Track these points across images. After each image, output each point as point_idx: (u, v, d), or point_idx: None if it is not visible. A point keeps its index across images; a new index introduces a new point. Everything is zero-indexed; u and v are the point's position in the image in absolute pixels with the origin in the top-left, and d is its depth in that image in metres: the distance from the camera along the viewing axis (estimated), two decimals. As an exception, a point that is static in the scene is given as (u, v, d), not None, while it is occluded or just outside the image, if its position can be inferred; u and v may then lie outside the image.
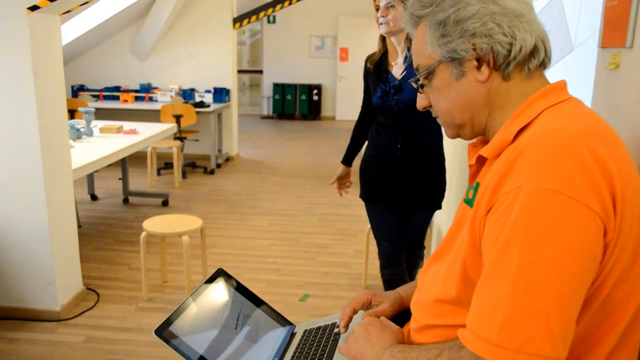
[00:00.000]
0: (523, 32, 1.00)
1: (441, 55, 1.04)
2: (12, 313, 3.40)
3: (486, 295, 0.90)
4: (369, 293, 1.37)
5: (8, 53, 3.05)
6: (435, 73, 1.07)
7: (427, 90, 1.11)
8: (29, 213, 3.26)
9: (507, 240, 0.88)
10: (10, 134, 3.15)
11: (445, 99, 1.07)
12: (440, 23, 1.02)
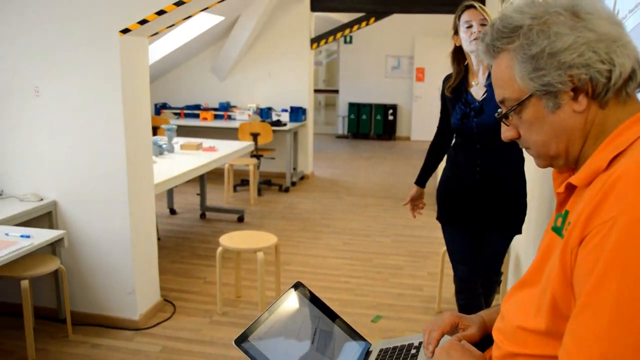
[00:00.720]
0: (621, 57, 0.95)
1: (534, 89, 1.00)
2: (95, 320, 3.55)
3: (581, 330, 0.86)
4: (455, 316, 1.33)
5: (100, 72, 3.21)
6: (526, 106, 1.02)
7: (514, 122, 1.07)
8: (114, 224, 3.40)
9: (602, 273, 0.84)
10: (100, 149, 3.31)
11: (539, 131, 1.03)
12: (533, 57, 0.98)
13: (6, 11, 3.29)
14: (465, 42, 2.56)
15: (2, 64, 3.37)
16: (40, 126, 3.38)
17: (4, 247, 2.41)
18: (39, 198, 3.40)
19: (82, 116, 3.30)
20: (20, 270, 3.06)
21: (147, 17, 3.12)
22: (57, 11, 3.21)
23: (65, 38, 3.23)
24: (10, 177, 3.50)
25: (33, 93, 3.34)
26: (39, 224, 3.27)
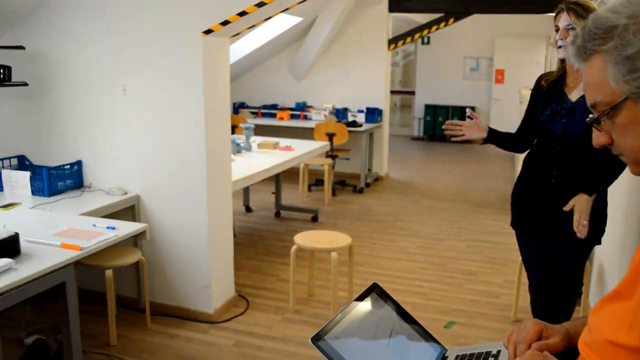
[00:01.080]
0: None
1: (628, 92, 0.94)
2: (172, 311, 3.66)
3: None
4: (539, 323, 1.27)
5: (183, 72, 3.32)
6: (620, 110, 0.97)
7: (606, 128, 1.02)
8: (192, 220, 3.50)
9: None
10: (182, 146, 3.42)
11: (635, 136, 0.98)
12: (629, 58, 0.93)
13: (97, 13, 3.46)
14: None
15: (93, 64, 3.54)
16: (126, 123, 3.53)
17: (92, 237, 2.52)
18: (124, 192, 3.55)
19: (166, 114, 3.42)
20: (105, 260, 3.20)
21: (229, 18, 3.19)
22: (144, 13, 3.34)
23: (151, 39, 3.35)
24: (98, 172, 3.68)
25: (121, 92, 3.49)
26: (122, 216, 3.41)
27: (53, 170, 3.51)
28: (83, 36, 3.54)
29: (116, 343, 3.30)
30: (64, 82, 3.67)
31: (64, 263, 2.30)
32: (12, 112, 3.90)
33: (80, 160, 3.70)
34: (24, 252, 2.35)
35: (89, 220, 2.84)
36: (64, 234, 2.57)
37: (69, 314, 2.42)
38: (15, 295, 2.12)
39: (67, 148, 3.74)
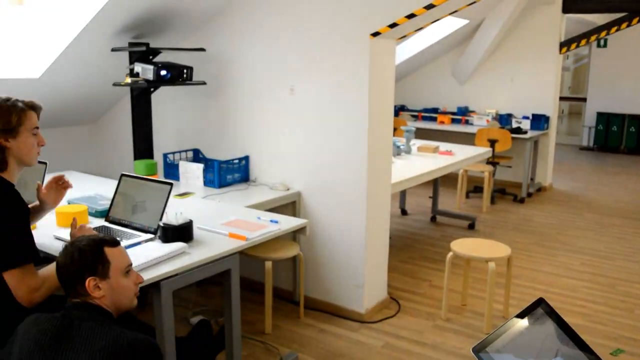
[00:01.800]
0: None
1: None
2: (324, 306, 3.75)
3: None
4: None
5: (349, 74, 3.38)
6: None
7: None
8: (350, 219, 3.55)
9: None
10: (344, 146, 3.48)
11: None
12: None
13: (269, 18, 3.64)
14: None
15: (264, 65, 3.73)
16: (292, 122, 3.68)
17: (256, 229, 2.66)
18: (286, 188, 3.70)
19: (330, 114, 3.50)
20: (266, 252, 3.36)
21: (397, 21, 3.20)
22: (314, 17, 3.45)
23: (320, 40, 3.46)
24: (263, 167, 3.87)
25: (288, 92, 3.64)
26: (284, 211, 3.55)
27: (223, 164, 3.75)
28: (256, 39, 3.75)
29: (270, 332, 3.45)
30: (237, 82, 3.91)
31: (231, 251, 2.45)
32: (191, 109, 4.24)
33: (247, 155, 3.92)
34: (196, 238, 2.53)
35: (254, 213, 2.99)
36: (231, 224, 2.73)
37: (231, 299, 2.56)
38: (187, 277, 2.29)
39: (236, 144, 3.99)
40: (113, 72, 4.06)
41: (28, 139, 2.13)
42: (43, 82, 3.92)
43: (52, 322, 1.62)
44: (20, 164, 2.15)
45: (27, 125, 2.11)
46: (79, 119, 4.73)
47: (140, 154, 3.90)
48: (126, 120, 4.48)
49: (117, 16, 3.56)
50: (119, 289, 1.74)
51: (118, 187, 2.76)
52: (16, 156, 2.11)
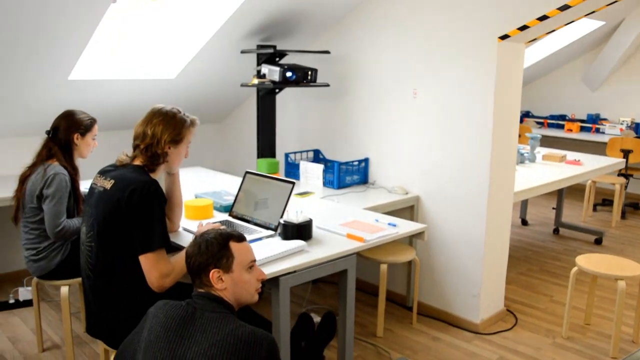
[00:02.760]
0: None
1: None
2: (438, 314, 3.69)
3: None
4: None
5: (475, 77, 3.30)
6: None
7: None
8: (469, 227, 3.47)
9: None
10: (466, 151, 3.41)
11: None
12: None
13: (395, 21, 3.63)
14: None
15: (386, 67, 3.73)
16: (414, 126, 3.65)
17: (374, 231, 2.66)
18: (405, 192, 3.68)
19: (453, 119, 3.44)
20: (381, 255, 3.36)
21: (527, 23, 3.07)
22: (441, 19, 3.40)
23: (446, 43, 3.40)
24: (382, 170, 3.87)
25: (411, 95, 3.62)
26: (401, 215, 3.52)
27: (343, 165, 3.80)
28: (380, 42, 3.76)
29: (382, 335, 3.44)
30: (359, 84, 3.94)
31: (348, 252, 2.47)
32: (313, 110, 4.33)
33: (367, 157, 3.94)
34: (314, 237, 2.58)
35: (372, 215, 3.00)
36: (349, 225, 2.75)
37: (346, 300, 2.58)
38: (305, 274, 2.34)
39: (356, 146, 4.02)
40: (241, 74, 4.24)
41: (182, 151, 2.39)
42: (178, 82, 4.17)
43: (178, 309, 1.72)
44: (165, 169, 2.43)
45: (187, 138, 2.39)
46: (207, 117, 4.99)
47: (263, 153, 4.04)
48: (251, 119, 4.67)
49: (248, 20, 3.71)
50: (241, 283, 1.81)
51: (242, 183, 2.88)
52: (169, 162, 2.37)
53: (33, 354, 3.21)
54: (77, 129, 2.97)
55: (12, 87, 3.54)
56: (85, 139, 3.00)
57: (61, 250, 2.92)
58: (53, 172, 2.84)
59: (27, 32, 3.07)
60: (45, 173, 2.85)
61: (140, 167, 2.30)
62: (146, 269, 2.15)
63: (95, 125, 3.06)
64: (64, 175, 2.87)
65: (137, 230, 2.14)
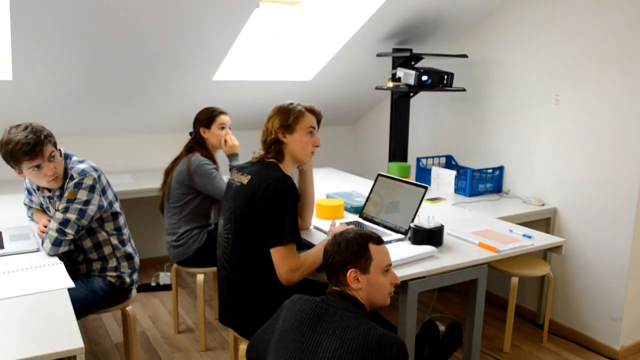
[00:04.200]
0: None
1: None
2: (571, 335, 3.48)
3: None
4: None
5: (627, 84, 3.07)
6: None
7: None
8: (613, 244, 3.23)
9: None
10: (613, 163, 3.18)
11: None
12: None
13: (533, 22, 3.47)
14: None
15: (526, 72, 3.59)
16: (554, 134, 3.47)
17: (508, 241, 2.56)
18: (541, 203, 3.50)
19: (601, 128, 3.23)
20: (513, 267, 3.22)
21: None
22: (586, 21, 3.21)
23: (593, 47, 3.20)
24: (518, 179, 3.72)
25: (553, 102, 3.44)
26: (535, 227, 3.35)
27: (476, 173, 3.70)
28: (520, 46, 3.61)
29: (509, 351, 3.30)
30: (497, 90, 3.81)
31: (480, 261, 2.39)
32: (447, 115, 4.26)
33: (502, 166, 3.81)
34: (445, 243, 2.53)
35: (506, 225, 2.89)
36: (481, 234, 2.67)
37: (475, 310, 2.51)
38: (434, 280, 2.30)
39: (491, 153, 3.89)
40: (375, 77, 4.26)
41: (302, 137, 2.38)
42: (313, 84, 4.27)
43: (312, 304, 1.75)
44: (295, 160, 2.43)
45: (302, 124, 2.38)
46: (340, 120, 5.07)
47: (394, 156, 4.03)
48: (384, 123, 4.67)
49: (385, 23, 3.72)
50: (376, 285, 1.81)
51: (374, 186, 2.89)
52: (291, 151, 2.38)
53: (170, 335, 3.42)
54: (200, 123, 3.20)
55: (162, 88, 3.81)
56: (211, 130, 3.20)
57: (198, 238, 3.10)
58: (197, 161, 3.07)
59: (177, 35, 3.30)
60: (189, 162, 3.06)
61: (273, 163, 2.37)
62: (276, 263, 2.21)
63: (220, 116, 3.22)
64: (207, 163, 3.08)
65: (269, 224, 2.21)
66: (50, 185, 2.44)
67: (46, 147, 2.33)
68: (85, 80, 3.52)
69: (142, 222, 4.26)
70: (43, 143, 2.31)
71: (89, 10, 2.91)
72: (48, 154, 2.34)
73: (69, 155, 2.51)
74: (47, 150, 2.33)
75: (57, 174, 2.41)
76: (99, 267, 2.56)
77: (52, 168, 2.36)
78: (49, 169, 2.35)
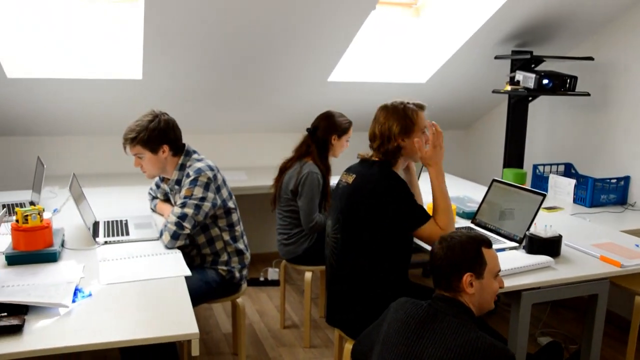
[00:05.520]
0: None
1: None
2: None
3: None
4: None
5: None
6: None
7: None
8: None
9: None
10: None
11: None
12: None
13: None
14: None
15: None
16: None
17: (633, 257, 2.39)
18: (673, 217, 3.25)
19: None
20: (637, 285, 3.00)
21: None
22: None
23: None
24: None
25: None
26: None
27: (598, 182, 3.48)
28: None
29: (631, 374, 3.09)
30: (625, 95, 3.58)
31: (601, 276, 2.25)
32: (568, 121, 4.04)
33: (628, 176, 3.56)
34: (562, 254, 2.40)
35: (631, 240, 2.70)
36: (603, 247, 2.51)
37: (594, 328, 2.36)
38: (549, 292, 2.20)
39: (616, 162, 3.66)
40: (492, 80, 4.13)
41: (418, 138, 2.34)
42: (427, 87, 4.21)
43: (419, 308, 1.72)
44: (406, 160, 2.42)
45: (419, 125, 2.35)
46: (452, 124, 4.96)
47: (510, 162, 3.89)
48: (499, 127, 4.52)
49: (504, 25, 3.60)
50: (488, 290, 1.75)
51: (488, 191, 2.80)
52: (407, 154, 2.35)
53: (275, 329, 3.50)
54: (335, 130, 3.17)
55: (279, 87, 3.91)
56: (340, 140, 3.19)
57: (309, 238, 3.15)
58: (307, 170, 3.08)
59: (296, 36, 3.37)
60: (300, 170, 3.09)
61: (379, 162, 2.34)
62: (427, 237, 2.26)
63: (351, 128, 3.24)
64: (317, 174, 3.08)
65: (395, 213, 2.21)
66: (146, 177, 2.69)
67: (131, 146, 2.55)
68: (207, 80, 3.69)
69: (254, 218, 4.38)
70: (129, 141, 2.53)
71: (215, 12, 3.05)
72: (133, 153, 2.57)
73: (190, 152, 2.64)
74: (132, 149, 2.56)
75: (145, 171, 2.62)
76: (211, 260, 2.67)
77: (139, 164, 2.60)
78: (137, 162, 2.59)
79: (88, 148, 4.06)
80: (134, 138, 2.52)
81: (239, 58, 3.53)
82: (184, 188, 2.51)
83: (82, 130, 3.99)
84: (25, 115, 3.72)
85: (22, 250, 2.16)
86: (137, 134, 2.51)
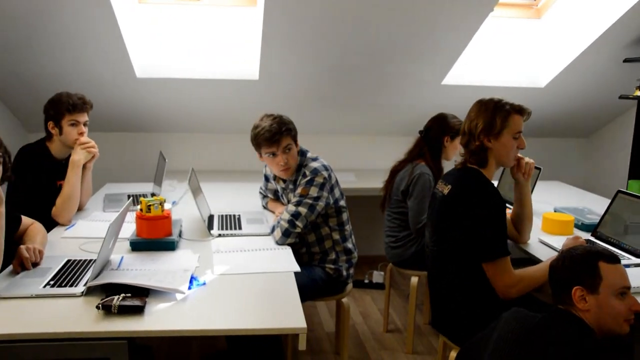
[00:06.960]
0: None
1: None
2: None
3: None
4: None
5: None
6: None
7: None
8: None
9: None
10: None
11: None
12: None
13: None
14: None
15: None
16: None
17: None
18: None
19: None
20: None
21: None
22: None
23: None
24: None
25: None
26: None
27: None
28: None
29: None
30: None
31: None
32: None
33: None
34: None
35: None
36: None
37: None
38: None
39: None
40: (620, 84, 3.88)
41: (509, 142, 2.20)
42: (547, 91, 4.02)
43: (531, 320, 1.64)
44: (498, 164, 2.26)
45: (510, 128, 2.18)
46: (571, 131, 4.70)
47: (636, 174, 3.63)
48: (624, 136, 4.24)
49: (635, 26, 3.37)
50: (607, 308, 1.63)
51: (612, 203, 2.62)
52: (496, 157, 2.22)
53: (378, 332, 3.48)
54: (447, 132, 3.09)
55: (392, 91, 3.90)
56: (453, 142, 3.09)
57: (416, 242, 3.10)
58: (419, 171, 3.03)
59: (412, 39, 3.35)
60: (412, 171, 3.05)
61: (474, 170, 2.22)
62: (490, 278, 2.11)
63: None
64: (428, 175, 3.03)
65: (475, 236, 2.09)
66: (281, 175, 2.65)
67: (284, 139, 2.53)
68: (321, 82, 3.74)
69: (361, 220, 4.38)
70: (282, 134, 2.52)
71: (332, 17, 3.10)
72: (284, 145, 2.54)
73: (304, 151, 2.69)
74: (284, 141, 2.54)
75: (289, 165, 2.60)
76: (319, 258, 2.69)
77: (285, 159, 2.56)
78: (281, 158, 2.56)
79: (206, 145, 4.24)
80: (290, 129, 2.58)
81: (356, 60, 3.55)
82: (299, 187, 2.55)
83: (201, 127, 4.18)
84: (150, 112, 3.96)
85: (145, 237, 2.30)
86: (291, 125, 2.58)
